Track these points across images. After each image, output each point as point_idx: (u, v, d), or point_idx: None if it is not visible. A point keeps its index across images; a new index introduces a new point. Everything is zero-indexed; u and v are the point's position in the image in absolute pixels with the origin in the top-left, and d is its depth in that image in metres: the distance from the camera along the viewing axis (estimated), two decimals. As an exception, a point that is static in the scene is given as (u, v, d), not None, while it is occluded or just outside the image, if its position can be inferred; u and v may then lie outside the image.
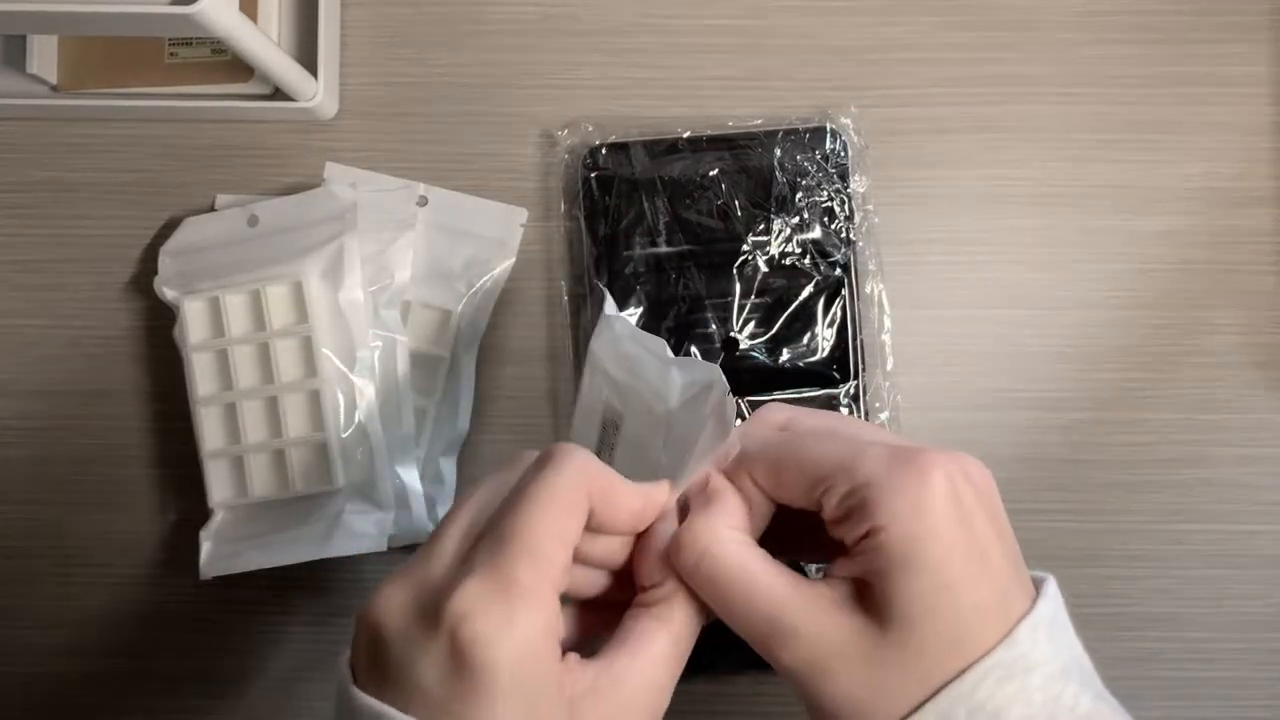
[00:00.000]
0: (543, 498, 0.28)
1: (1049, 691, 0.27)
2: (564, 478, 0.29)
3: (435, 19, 0.53)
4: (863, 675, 0.28)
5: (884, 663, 0.27)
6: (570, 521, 0.29)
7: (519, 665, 0.26)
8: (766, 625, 0.29)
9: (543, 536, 0.28)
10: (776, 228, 0.50)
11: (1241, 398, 0.51)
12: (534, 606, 0.27)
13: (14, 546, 0.52)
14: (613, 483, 0.30)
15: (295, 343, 0.48)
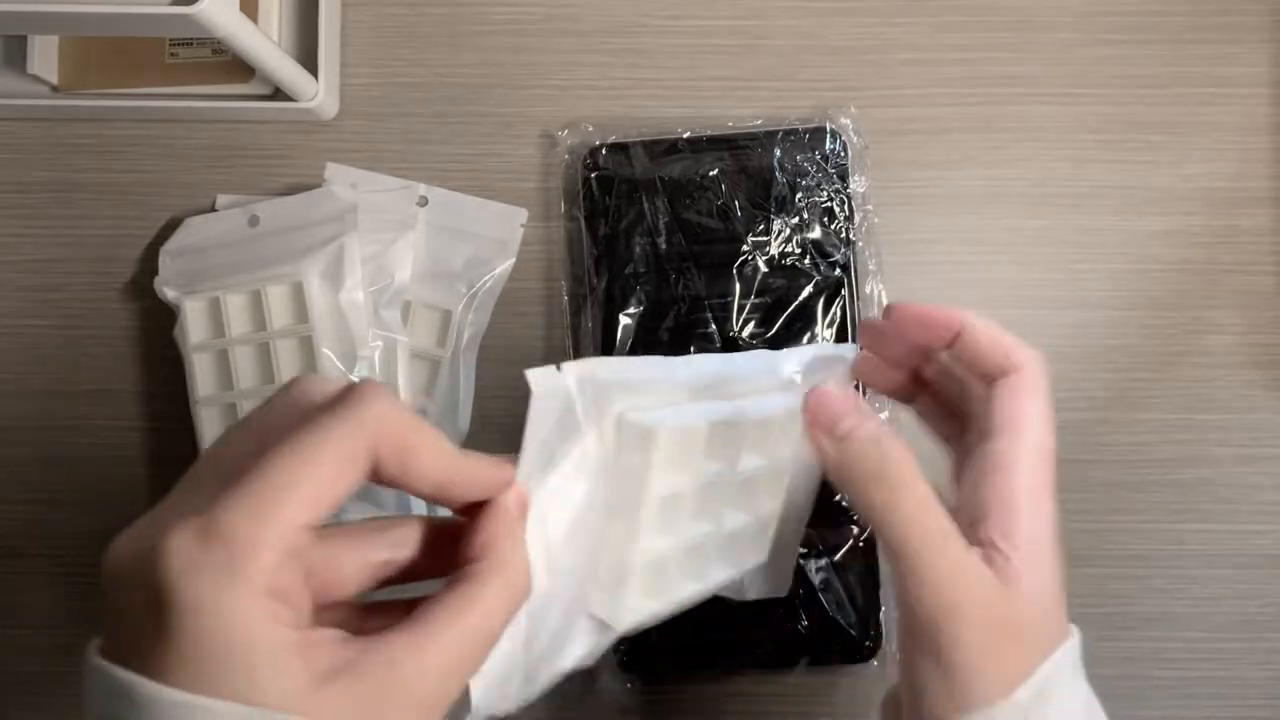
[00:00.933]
0: (302, 446, 0.25)
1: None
2: (339, 429, 0.25)
3: (435, 19, 0.53)
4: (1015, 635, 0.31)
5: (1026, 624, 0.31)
6: (326, 479, 0.25)
7: (224, 622, 0.23)
8: (967, 586, 0.31)
9: (281, 489, 0.24)
10: (776, 228, 0.50)
11: (1241, 398, 0.51)
12: (249, 561, 0.23)
13: (14, 546, 0.52)
14: (415, 441, 0.27)
15: (295, 343, 0.48)
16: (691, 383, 0.34)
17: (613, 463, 0.32)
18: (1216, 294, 0.51)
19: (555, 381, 0.31)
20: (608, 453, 0.31)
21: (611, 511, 0.32)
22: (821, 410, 0.34)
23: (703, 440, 0.33)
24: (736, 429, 0.34)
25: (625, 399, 0.32)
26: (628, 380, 0.32)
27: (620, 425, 0.32)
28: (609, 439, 0.31)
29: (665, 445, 0.31)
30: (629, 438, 0.31)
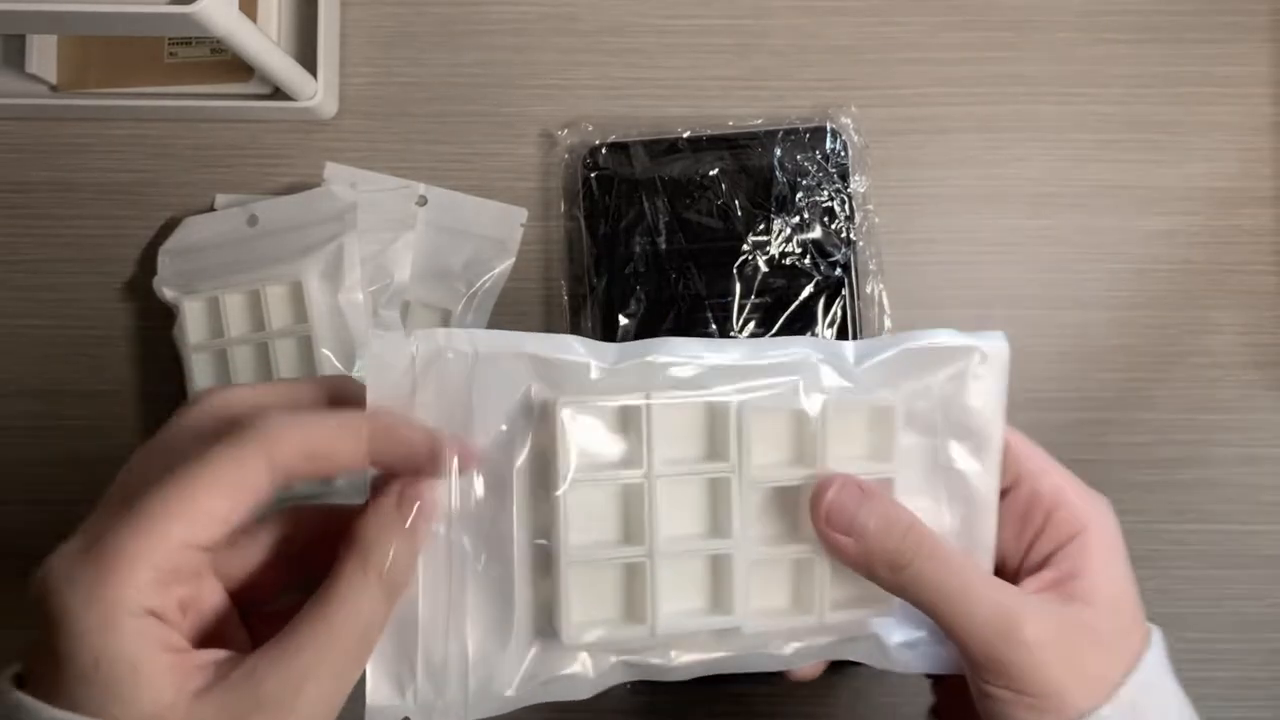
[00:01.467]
0: (192, 469, 0.25)
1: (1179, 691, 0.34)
2: (229, 452, 0.26)
3: (435, 19, 0.53)
4: (1089, 657, 0.31)
5: (1102, 646, 0.32)
6: (216, 500, 0.25)
7: (95, 638, 0.24)
8: (1013, 604, 0.31)
9: (166, 509, 0.25)
10: (776, 227, 0.50)
11: (1242, 398, 0.51)
12: (123, 578, 0.24)
13: (14, 546, 0.52)
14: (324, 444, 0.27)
15: (294, 343, 0.48)
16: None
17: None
18: (1217, 294, 0.51)
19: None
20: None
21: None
22: (835, 510, 0.32)
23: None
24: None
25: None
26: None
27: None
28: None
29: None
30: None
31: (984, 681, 0.31)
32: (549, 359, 0.31)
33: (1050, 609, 0.32)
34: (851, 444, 0.33)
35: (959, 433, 0.33)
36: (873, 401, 0.33)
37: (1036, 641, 0.31)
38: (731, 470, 0.32)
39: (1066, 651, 0.31)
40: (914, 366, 0.33)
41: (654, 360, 0.31)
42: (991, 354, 0.33)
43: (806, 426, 0.32)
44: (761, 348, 0.32)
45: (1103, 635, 0.32)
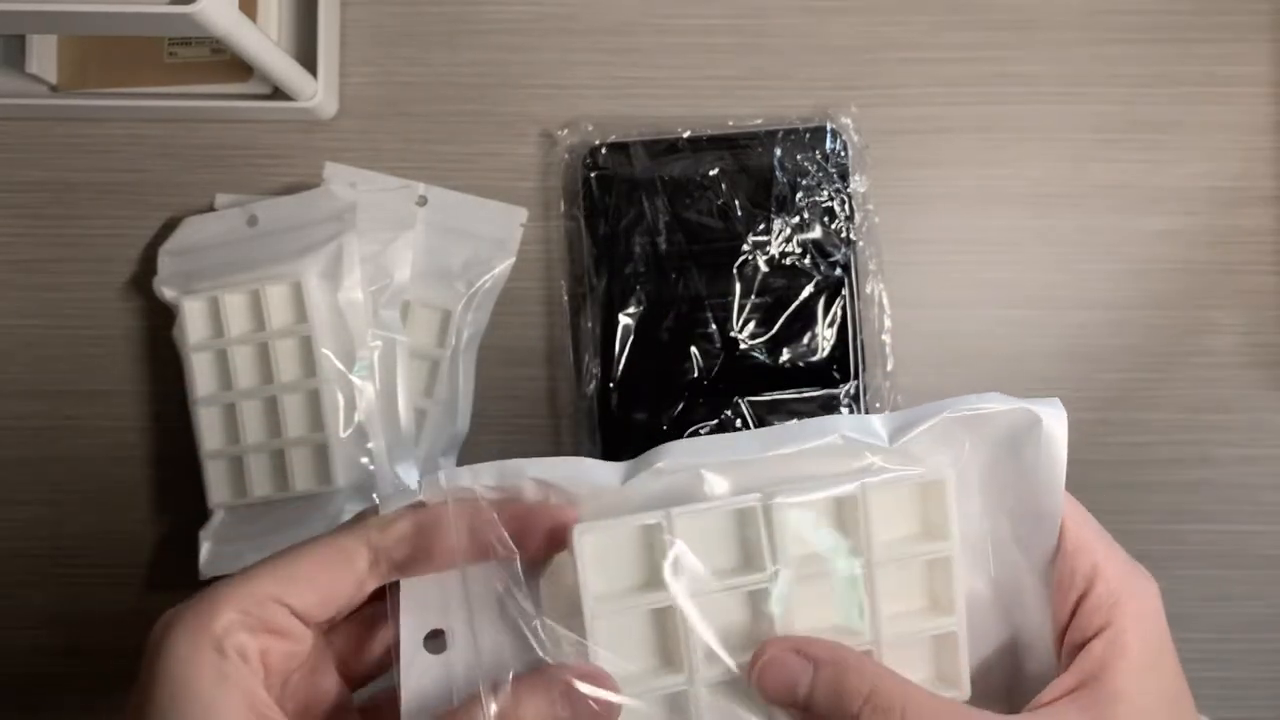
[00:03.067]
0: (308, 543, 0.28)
1: None
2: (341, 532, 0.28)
3: (435, 19, 0.53)
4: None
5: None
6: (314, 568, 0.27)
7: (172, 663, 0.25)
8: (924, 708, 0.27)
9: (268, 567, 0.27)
10: (776, 227, 0.50)
11: (1242, 398, 0.51)
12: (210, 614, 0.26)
13: (14, 546, 0.52)
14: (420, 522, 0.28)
15: (294, 343, 0.48)
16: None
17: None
18: (1218, 294, 0.51)
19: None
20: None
21: None
22: (773, 684, 0.29)
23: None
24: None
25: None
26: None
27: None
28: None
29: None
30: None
31: None
32: (554, 484, 0.29)
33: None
34: (901, 526, 0.30)
35: (1013, 508, 0.31)
36: (919, 478, 0.30)
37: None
38: (769, 580, 0.29)
39: None
40: (959, 436, 0.30)
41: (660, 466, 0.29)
42: (1048, 420, 0.30)
43: (850, 514, 0.30)
44: (781, 437, 0.30)
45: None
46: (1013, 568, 0.31)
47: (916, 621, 0.30)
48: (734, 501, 0.29)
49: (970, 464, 0.30)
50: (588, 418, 0.50)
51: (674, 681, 0.29)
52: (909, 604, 0.31)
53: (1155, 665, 0.28)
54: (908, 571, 0.31)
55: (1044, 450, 0.30)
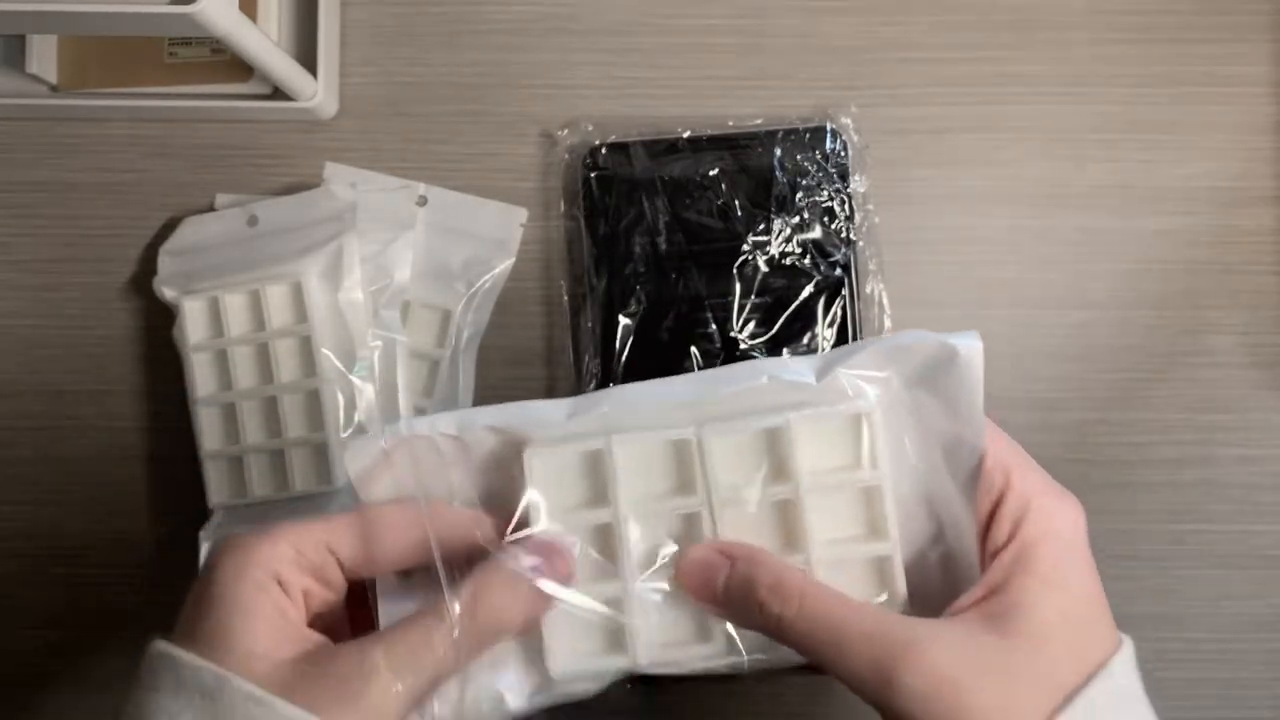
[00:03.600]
0: (371, 507, 0.32)
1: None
2: (398, 505, 0.32)
3: (435, 19, 0.53)
4: (997, 687, 0.27)
5: (1018, 675, 0.28)
6: (363, 527, 0.31)
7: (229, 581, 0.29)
8: (888, 651, 0.28)
9: (319, 521, 0.31)
10: (776, 227, 0.50)
11: (1242, 398, 0.51)
12: (266, 546, 0.29)
13: (14, 546, 0.52)
14: (467, 514, 0.32)
15: (294, 343, 0.48)
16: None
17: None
18: (1218, 294, 0.51)
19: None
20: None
21: None
22: (695, 580, 0.32)
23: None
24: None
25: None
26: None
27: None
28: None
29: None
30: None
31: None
32: (505, 428, 0.33)
33: (955, 645, 0.28)
34: (833, 458, 0.33)
35: (940, 435, 0.33)
36: (846, 410, 0.32)
37: (918, 684, 0.27)
38: (701, 504, 0.33)
39: (967, 693, 0.27)
40: (884, 370, 0.33)
41: (605, 409, 0.32)
42: (964, 351, 0.32)
43: (780, 445, 0.32)
44: (715, 379, 0.33)
45: (1020, 671, 0.28)
46: (944, 491, 0.32)
47: (853, 547, 0.32)
48: (671, 432, 0.32)
49: (898, 397, 0.33)
50: (588, 418, 0.50)
51: (613, 587, 0.32)
52: (846, 531, 0.33)
53: (1060, 582, 0.29)
54: (841, 500, 0.33)
55: (963, 380, 0.32)
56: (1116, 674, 0.29)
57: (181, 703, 0.27)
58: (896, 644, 0.28)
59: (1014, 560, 0.29)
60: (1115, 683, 0.29)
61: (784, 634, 0.30)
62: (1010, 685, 0.28)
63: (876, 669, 0.28)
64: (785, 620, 0.30)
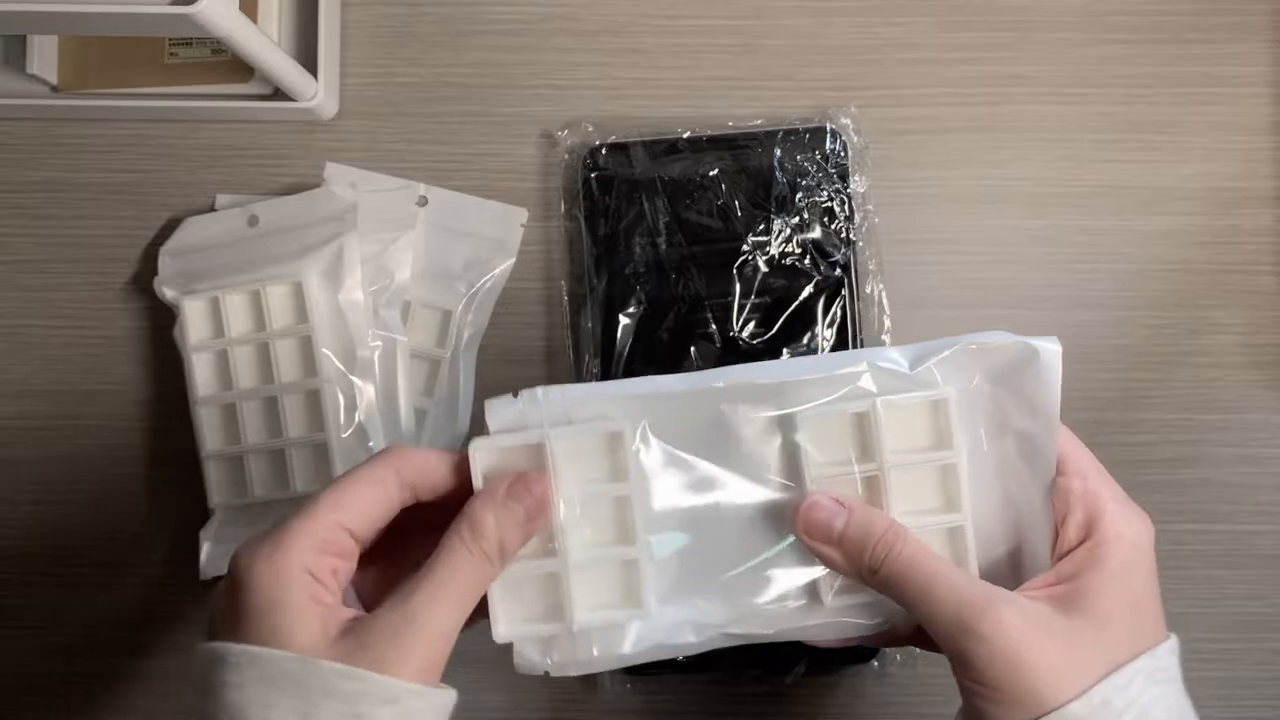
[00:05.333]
0: (345, 476, 0.34)
1: (1181, 701, 0.35)
2: (368, 464, 0.35)
3: (435, 19, 0.53)
4: (1059, 651, 0.32)
5: (1079, 645, 0.32)
6: (359, 494, 0.34)
7: (263, 586, 0.32)
8: (973, 604, 0.32)
9: (322, 501, 0.33)
10: (776, 228, 0.50)
11: (1241, 398, 0.51)
12: (290, 544, 0.32)
13: (14, 546, 0.52)
14: (426, 459, 0.36)
15: (295, 343, 0.48)
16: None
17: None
18: (1217, 294, 0.51)
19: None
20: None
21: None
22: (814, 525, 0.36)
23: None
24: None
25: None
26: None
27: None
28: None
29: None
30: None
31: (957, 675, 0.33)
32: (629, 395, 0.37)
33: (1025, 612, 0.32)
34: (915, 440, 0.36)
35: (1018, 430, 0.36)
36: (929, 396, 0.36)
37: (996, 636, 0.32)
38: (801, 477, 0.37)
39: (1034, 650, 0.32)
40: (969, 367, 0.36)
41: (716, 385, 0.36)
42: (1044, 354, 0.35)
43: (867, 427, 0.36)
44: (822, 364, 0.37)
45: (1082, 640, 0.32)
46: (1018, 483, 0.36)
47: (930, 518, 0.36)
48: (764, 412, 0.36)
49: (979, 392, 0.36)
50: (588, 418, 0.50)
51: (554, 563, 0.36)
52: (924, 504, 0.37)
53: (1126, 580, 0.34)
54: (920, 477, 0.36)
55: (1040, 380, 0.35)
56: (1161, 657, 0.34)
57: (274, 693, 0.30)
58: (980, 599, 0.33)
59: (1087, 556, 0.34)
60: (1159, 663, 0.33)
61: (882, 577, 0.34)
62: (1070, 652, 0.32)
63: (960, 617, 0.32)
64: (888, 563, 0.34)
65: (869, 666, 0.49)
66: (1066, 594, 0.33)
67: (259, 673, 0.31)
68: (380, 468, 0.34)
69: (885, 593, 0.35)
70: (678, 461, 0.37)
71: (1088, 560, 0.34)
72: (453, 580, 0.33)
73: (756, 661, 0.49)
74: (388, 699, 0.31)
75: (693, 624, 0.37)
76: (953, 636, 0.33)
